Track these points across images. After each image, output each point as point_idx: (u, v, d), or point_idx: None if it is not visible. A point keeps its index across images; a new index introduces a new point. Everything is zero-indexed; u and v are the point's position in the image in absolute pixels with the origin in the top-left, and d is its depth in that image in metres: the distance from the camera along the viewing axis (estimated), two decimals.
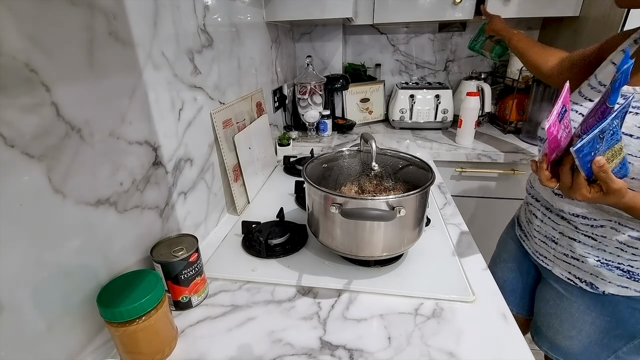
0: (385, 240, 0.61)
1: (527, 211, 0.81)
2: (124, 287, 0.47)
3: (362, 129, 1.66)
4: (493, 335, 0.52)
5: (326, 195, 0.59)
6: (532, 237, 0.78)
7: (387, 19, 1.44)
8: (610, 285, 0.65)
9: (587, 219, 0.64)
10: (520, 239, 0.85)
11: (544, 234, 0.74)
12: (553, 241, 0.72)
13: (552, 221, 0.71)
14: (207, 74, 0.77)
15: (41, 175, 0.40)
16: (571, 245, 0.68)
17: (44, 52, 0.40)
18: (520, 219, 0.88)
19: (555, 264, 0.73)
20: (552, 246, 0.72)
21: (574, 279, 0.70)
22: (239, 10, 0.95)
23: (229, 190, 0.89)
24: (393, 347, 0.51)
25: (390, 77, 1.86)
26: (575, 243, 0.67)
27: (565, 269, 0.71)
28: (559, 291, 0.74)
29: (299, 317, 0.57)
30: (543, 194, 0.73)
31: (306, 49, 1.70)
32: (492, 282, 0.63)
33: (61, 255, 0.44)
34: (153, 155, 0.60)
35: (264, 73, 1.19)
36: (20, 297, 0.39)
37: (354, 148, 0.76)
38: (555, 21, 1.52)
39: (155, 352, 0.49)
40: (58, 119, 0.42)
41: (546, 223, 0.73)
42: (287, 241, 0.75)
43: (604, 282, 0.66)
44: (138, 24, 0.55)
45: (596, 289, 0.67)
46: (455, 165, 1.36)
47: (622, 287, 0.64)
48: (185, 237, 0.60)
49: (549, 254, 0.74)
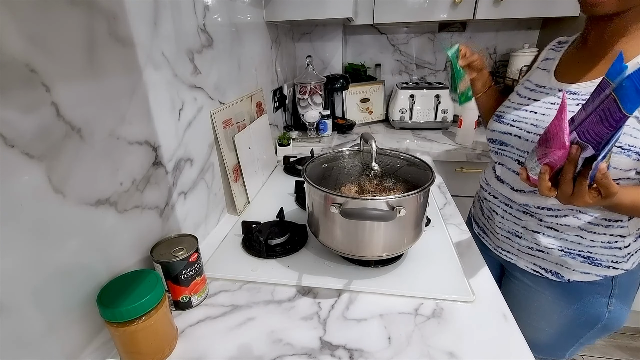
0: (385, 240, 0.61)
1: (485, 208, 0.82)
2: (124, 287, 0.47)
3: (362, 129, 1.66)
4: (493, 335, 0.52)
5: (326, 195, 0.59)
6: (494, 233, 0.79)
7: (387, 19, 1.44)
8: (574, 272, 0.68)
9: (552, 210, 0.66)
10: (479, 236, 0.86)
11: (506, 230, 0.75)
12: (517, 236, 0.73)
13: (513, 216, 0.72)
14: (207, 74, 0.77)
15: (41, 175, 0.40)
16: (535, 238, 0.70)
17: (44, 52, 0.40)
18: (475, 216, 0.89)
19: (520, 258, 0.75)
20: (516, 241, 0.74)
21: (540, 270, 0.72)
22: (239, 10, 0.95)
23: (229, 190, 0.89)
24: (393, 347, 0.51)
25: (390, 77, 1.86)
26: (540, 235, 0.69)
27: (530, 262, 0.73)
28: (526, 284, 0.76)
29: (299, 317, 0.57)
30: (501, 191, 0.74)
31: (306, 49, 1.70)
32: (492, 282, 0.63)
33: (61, 255, 0.44)
34: (153, 155, 0.60)
35: (264, 73, 1.19)
36: (20, 297, 0.39)
37: (354, 148, 0.76)
38: (555, 21, 1.52)
39: (155, 352, 0.49)
40: (58, 119, 0.42)
41: (507, 219, 0.74)
42: (287, 241, 0.75)
43: (568, 270, 0.69)
44: (138, 24, 0.55)
45: (562, 278, 0.70)
46: (455, 165, 1.36)
47: (584, 273, 0.68)
48: (185, 237, 0.60)
49: (513, 248, 0.75)
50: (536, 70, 0.75)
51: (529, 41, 1.64)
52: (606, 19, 0.59)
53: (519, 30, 1.67)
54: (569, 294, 0.71)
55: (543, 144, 0.49)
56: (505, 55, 1.71)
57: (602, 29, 0.62)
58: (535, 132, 0.66)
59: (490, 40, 1.72)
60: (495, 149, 0.76)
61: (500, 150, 0.74)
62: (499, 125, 0.74)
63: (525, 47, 1.53)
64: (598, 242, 0.65)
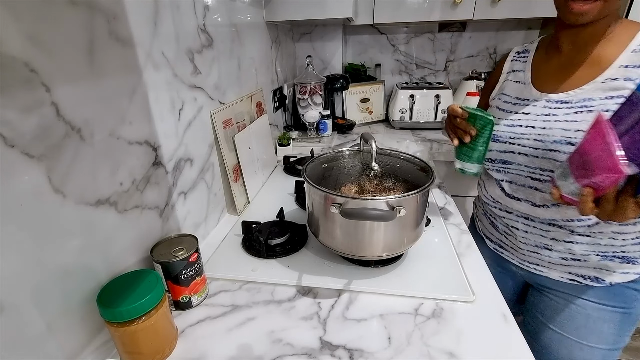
0: (385, 240, 0.61)
1: (499, 224, 0.79)
2: (124, 287, 0.47)
3: (362, 129, 1.66)
4: (493, 335, 0.52)
5: (326, 195, 0.59)
6: (517, 248, 0.76)
7: (387, 19, 1.44)
8: (615, 274, 0.66)
9: (583, 221, 0.64)
10: (496, 251, 0.83)
11: (532, 244, 0.72)
12: (546, 248, 0.70)
13: (539, 229, 0.70)
14: (207, 74, 0.77)
15: (41, 175, 0.40)
16: (569, 248, 0.67)
17: (44, 52, 0.40)
18: (485, 231, 0.86)
19: (552, 269, 0.72)
20: (546, 253, 0.70)
21: (578, 278, 0.69)
22: (239, 10, 0.95)
23: (229, 190, 0.89)
24: (393, 347, 0.51)
25: (390, 77, 1.86)
26: (573, 245, 0.67)
27: (565, 271, 0.70)
28: (565, 293, 0.72)
29: (299, 317, 0.57)
30: (517, 207, 0.71)
31: (306, 49, 1.70)
32: (492, 282, 0.63)
33: (61, 255, 0.44)
34: (153, 155, 0.60)
35: (264, 73, 1.19)
36: (20, 297, 0.39)
37: (354, 148, 0.76)
38: (555, 21, 1.52)
39: (155, 352, 0.49)
40: (58, 119, 0.42)
41: (532, 232, 0.71)
42: (287, 241, 0.75)
43: (608, 272, 0.66)
44: (138, 24, 0.55)
45: (602, 282, 0.67)
46: None
47: (624, 273, 0.66)
48: (185, 237, 0.60)
49: (542, 261, 0.72)
50: (507, 83, 0.76)
51: (529, 41, 1.64)
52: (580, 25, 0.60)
53: (519, 30, 1.67)
54: (615, 296, 0.68)
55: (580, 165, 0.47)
56: (505, 55, 1.71)
57: (574, 35, 0.63)
58: (542, 147, 0.64)
59: (490, 40, 1.72)
60: (497, 167, 0.74)
61: (504, 168, 0.72)
62: (495, 144, 0.72)
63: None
64: (629, 240, 0.64)
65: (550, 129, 0.64)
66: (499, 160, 0.73)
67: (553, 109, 0.65)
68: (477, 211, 0.91)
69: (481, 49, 1.74)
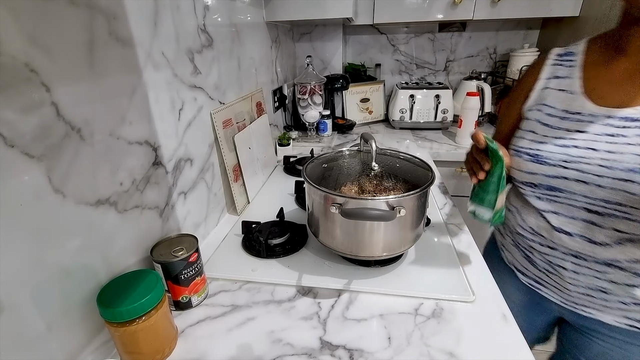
0: (385, 240, 0.61)
1: (539, 260, 0.67)
2: (124, 287, 0.47)
3: (362, 129, 1.66)
4: (493, 335, 0.52)
5: (326, 195, 0.59)
6: (563, 289, 0.64)
7: (387, 19, 1.44)
8: None
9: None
10: (531, 286, 0.71)
11: (584, 286, 0.61)
12: (602, 291, 0.59)
13: (593, 270, 0.59)
14: (207, 74, 0.77)
15: (41, 175, 0.40)
16: (631, 292, 0.57)
17: (44, 52, 0.40)
18: (518, 264, 0.73)
19: (606, 313, 0.61)
20: (601, 296, 0.60)
21: (637, 324, 0.59)
22: (239, 10, 0.95)
23: (229, 190, 0.89)
24: (393, 347, 0.51)
25: (390, 77, 1.86)
26: (637, 289, 0.56)
27: (622, 316, 0.60)
28: (620, 340, 0.61)
29: (299, 317, 0.57)
30: (568, 244, 0.60)
31: (306, 49, 1.70)
32: (492, 282, 0.63)
33: (61, 255, 0.44)
34: (153, 155, 0.60)
35: (264, 73, 1.19)
36: (20, 297, 0.39)
37: (354, 148, 0.76)
38: (555, 21, 1.52)
39: (155, 352, 0.49)
40: (58, 119, 0.42)
41: (584, 274, 0.60)
42: (287, 241, 0.75)
43: None
44: (138, 24, 0.55)
45: None
46: (455, 165, 1.36)
47: None
48: (185, 237, 0.60)
49: (594, 304, 0.61)
50: (548, 92, 0.63)
51: (529, 41, 1.64)
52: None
53: (519, 30, 1.67)
54: None
55: None
56: (505, 55, 1.71)
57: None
58: (610, 175, 0.53)
59: (490, 40, 1.72)
60: (539, 194, 0.62)
61: (551, 197, 0.60)
62: (541, 167, 0.59)
63: (525, 47, 1.53)
64: None
65: (620, 153, 0.52)
66: (545, 186, 0.60)
67: (620, 128, 0.53)
68: (504, 240, 0.76)
69: (481, 49, 1.74)
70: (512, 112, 0.71)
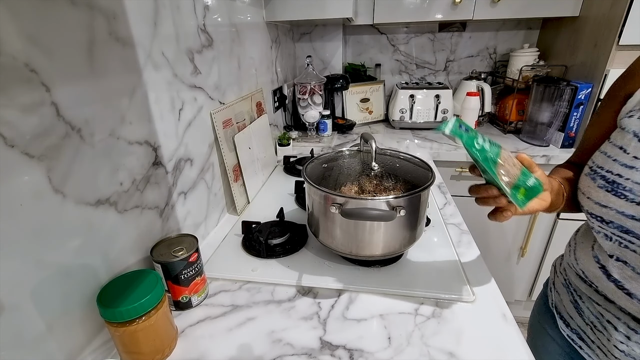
0: (385, 240, 0.61)
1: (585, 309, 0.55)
2: (124, 287, 0.47)
3: (362, 129, 1.66)
4: (493, 335, 0.52)
5: (326, 195, 0.59)
6: (607, 352, 0.52)
7: (387, 19, 1.44)
8: None
9: None
10: (569, 337, 0.59)
11: (633, 356, 0.48)
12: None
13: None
14: (207, 74, 0.77)
15: (41, 175, 0.40)
16: None
17: (44, 52, 0.40)
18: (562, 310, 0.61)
19: None
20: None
21: None
22: (239, 10, 0.95)
23: (229, 190, 0.89)
24: (393, 347, 0.51)
25: (390, 77, 1.86)
26: None
27: None
28: None
29: (299, 317, 0.57)
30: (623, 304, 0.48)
31: (306, 49, 1.70)
32: (492, 282, 0.63)
33: (61, 255, 0.44)
34: (153, 155, 0.60)
35: (264, 73, 1.19)
36: (20, 297, 0.39)
37: (354, 148, 0.76)
38: (555, 21, 1.52)
39: (155, 352, 0.49)
40: (58, 119, 0.42)
41: (636, 341, 0.47)
42: (287, 241, 0.75)
43: None
44: (138, 24, 0.55)
45: None
46: (455, 165, 1.36)
47: None
48: (185, 237, 0.60)
49: None
50: None
51: (529, 41, 1.64)
52: None
53: (519, 30, 1.67)
54: None
55: None
56: (505, 55, 1.71)
57: None
58: None
59: (490, 40, 1.72)
60: (609, 232, 0.47)
61: (621, 239, 0.46)
62: (617, 201, 0.44)
63: (525, 47, 1.53)
64: None
65: None
66: (617, 226, 0.45)
67: None
68: (556, 277, 0.64)
69: (481, 49, 1.74)
70: (605, 117, 0.54)
